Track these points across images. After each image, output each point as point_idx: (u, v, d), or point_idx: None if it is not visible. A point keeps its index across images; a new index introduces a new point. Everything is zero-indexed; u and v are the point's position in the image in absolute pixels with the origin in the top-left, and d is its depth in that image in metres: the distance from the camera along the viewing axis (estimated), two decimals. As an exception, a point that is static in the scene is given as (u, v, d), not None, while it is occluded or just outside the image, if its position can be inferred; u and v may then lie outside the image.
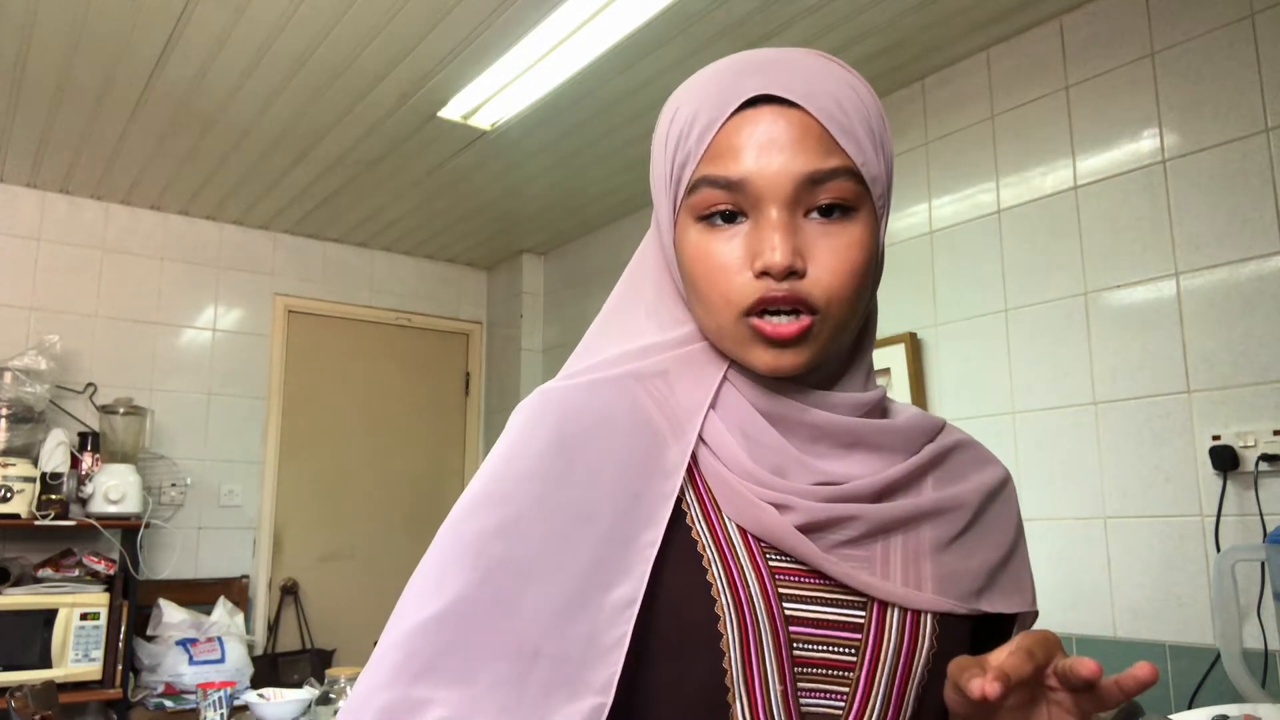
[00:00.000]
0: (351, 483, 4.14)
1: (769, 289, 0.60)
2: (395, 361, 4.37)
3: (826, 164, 0.61)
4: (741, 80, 0.63)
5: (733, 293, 0.62)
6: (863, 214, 0.63)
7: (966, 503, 0.69)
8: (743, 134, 0.61)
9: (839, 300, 0.62)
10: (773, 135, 0.61)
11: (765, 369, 0.62)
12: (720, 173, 0.62)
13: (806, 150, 0.61)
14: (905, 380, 2.66)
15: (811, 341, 0.62)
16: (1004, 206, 2.52)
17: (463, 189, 3.63)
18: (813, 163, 0.61)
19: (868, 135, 0.63)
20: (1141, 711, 1.91)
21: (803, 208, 0.61)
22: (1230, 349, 2.03)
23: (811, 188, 0.61)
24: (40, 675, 2.80)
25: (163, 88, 2.79)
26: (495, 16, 2.40)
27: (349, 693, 2.39)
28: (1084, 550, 2.25)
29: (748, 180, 0.61)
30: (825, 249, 0.61)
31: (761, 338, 0.61)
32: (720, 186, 0.62)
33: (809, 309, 0.61)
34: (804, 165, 0.60)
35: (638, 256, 0.74)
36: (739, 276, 0.61)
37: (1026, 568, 0.74)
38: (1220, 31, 2.11)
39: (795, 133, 0.61)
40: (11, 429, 3.12)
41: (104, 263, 3.70)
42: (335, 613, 3.99)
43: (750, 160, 0.61)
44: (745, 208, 0.62)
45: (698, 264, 0.63)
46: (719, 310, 0.63)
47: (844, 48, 2.58)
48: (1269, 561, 1.80)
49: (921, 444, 0.70)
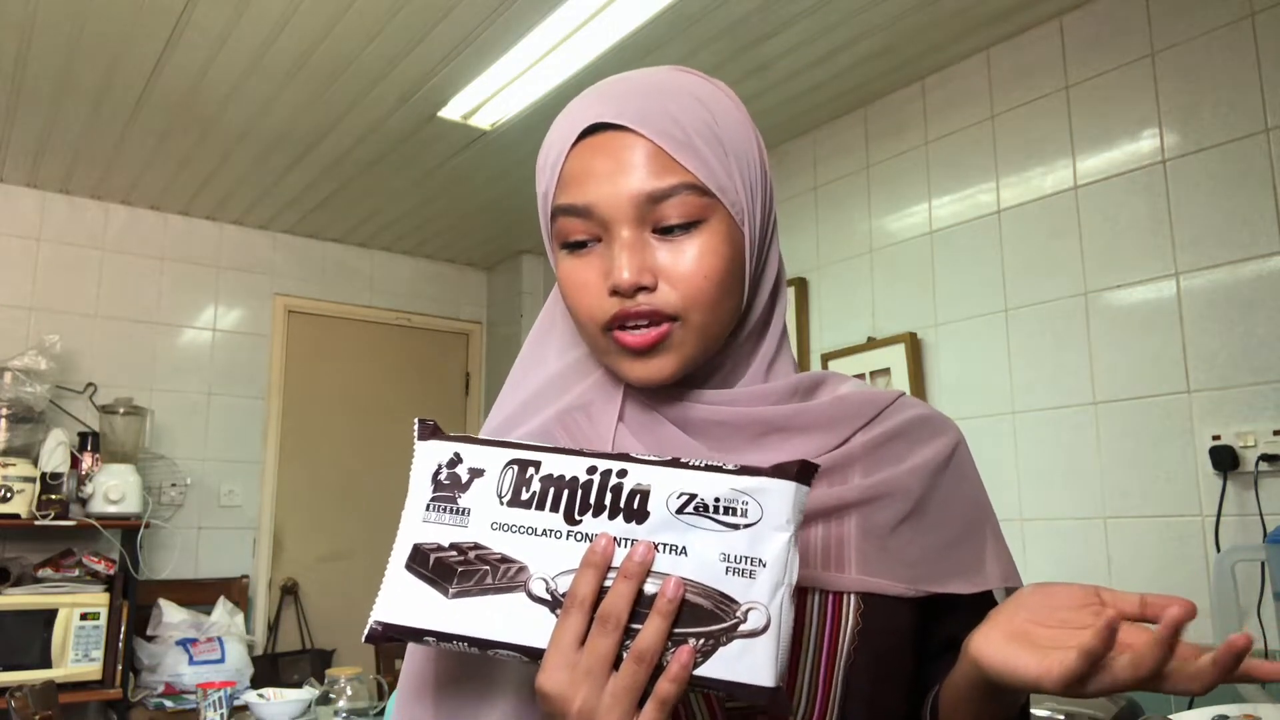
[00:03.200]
0: (351, 482, 4.14)
1: (623, 305, 0.63)
2: (395, 361, 4.37)
3: (664, 182, 0.63)
4: (584, 111, 0.66)
5: (594, 310, 0.65)
6: (713, 222, 0.65)
7: (902, 487, 0.69)
8: (582, 164, 0.65)
9: (697, 305, 0.64)
10: (610, 162, 0.64)
11: (636, 379, 0.65)
12: (570, 201, 0.65)
13: (643, 172, 0.63)
14: (905, 380, 2.66)
15: (675, 348, 0.64)
16: (1004, 206, 2.52)
17: (463, 189, 3.63)
18: (649, 183, 0.63)
19: (709, 146, 0.65)
20: (1141, 711, 1.91)
21: (649, 225, 0.64)
22: (1230, 349, 2.03)
23: (653, 205, 0.63)
24: (40, 675, 2.80)
25: (163, 88, 2.79)
26: (495, 16, 2.40)
27: (349, 692, 2.40)
28: (1084, 550, 2.25)
29: (593, 206, 0.64)
30: (674, 262, 0.64)
31: (624, 349, 0.64)
32: (572, 214, 0.65)
33: (666, 318, 0.63)
34: (640, 185, 0.63)
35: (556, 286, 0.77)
36: (597, 296, 0.64)
37: (987, 545, 0.74)
38: (1220, 31, 2.11)
39: (628, 156, 0.64)
40: (11, 429, 3.12)
41: (104, 263, 3.69)
42: (335, 613, 3.99)
43: (592, 188, 0.64)
44: (598, 231, 0.65)
45: (565, 287, 0.67)
46: (586, 328, 0.66)
47: (844, 48, 2.58)
48: (1269, 561, 1.80)
49: (855, 422, 0.70)
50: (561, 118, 0.69)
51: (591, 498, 0.55)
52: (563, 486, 0.56)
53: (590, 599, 0.53)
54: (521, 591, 0.55)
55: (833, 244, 3.00)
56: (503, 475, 0.57)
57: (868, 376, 2.79)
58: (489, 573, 0.55)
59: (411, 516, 0.58)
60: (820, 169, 3.07)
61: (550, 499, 0.56)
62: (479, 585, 0.55)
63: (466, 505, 0.57)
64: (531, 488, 0.56)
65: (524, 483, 0.56)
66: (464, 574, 0.56)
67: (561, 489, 0.56)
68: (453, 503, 0.57)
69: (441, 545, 0.57)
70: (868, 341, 2.81)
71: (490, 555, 0.56)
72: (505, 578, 0.55)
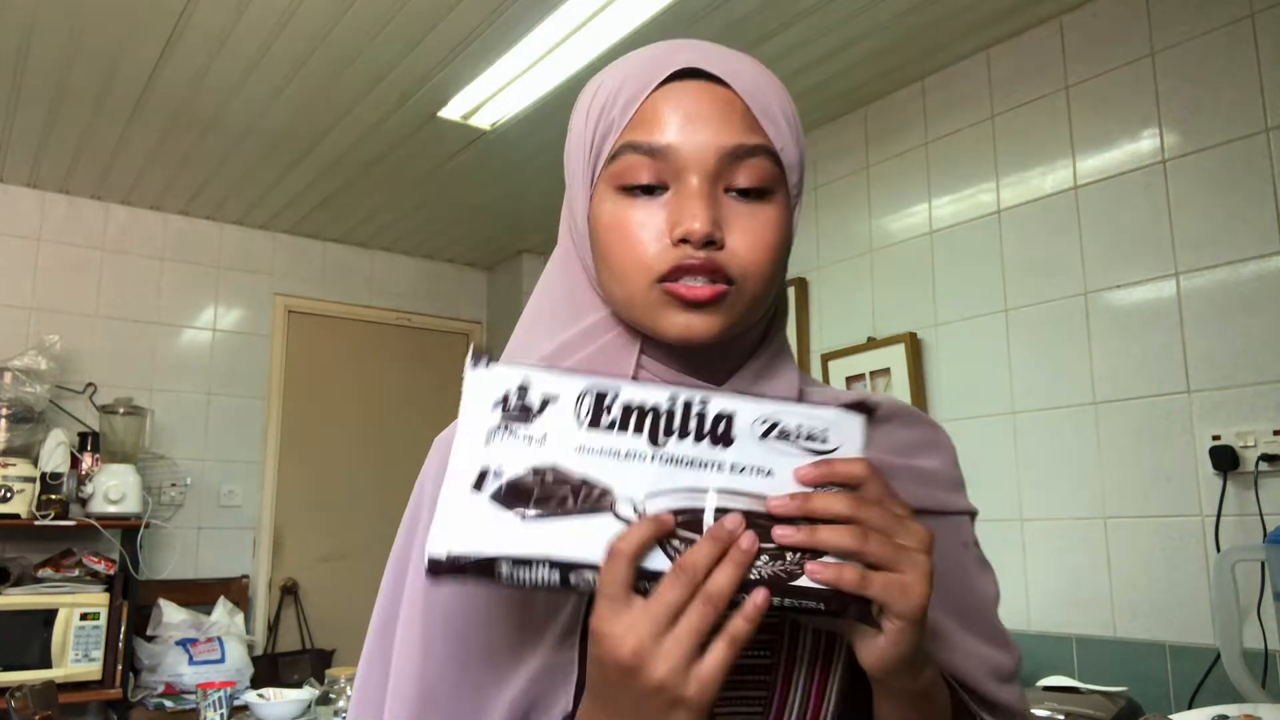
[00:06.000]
0: (351, 483, 4.14)
1: (686, 255, 0.60)
2: (395, 361, 4.37)
3: (749, 140, 0.62)
4: (670, 55, 0.64)
5: (649, 258, 0.61)
6: (778, 197, 0.64)
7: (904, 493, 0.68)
8: (669, 104, 0.62)
9: (755, 275, 0.62)
10: (699, 108, 0.62)
11: (677, 334, 0.61)
12: (644, 139, 0.62)
13: (731, 126, 0.61)
14: (905, 380, 2.66)
15: (727, 309, 0.61)
16: (1004, 206, 2.52)
17: (463, 189, 3.63)
18: (736, 137, 0.61)
19: (787, 122, 0.64)
20: (1141, 711, 1.91)
21: (723, 183, 0.62)
22: (1230, 349, 2.03)
23: (733, 163, 0.61)
24: (40, 675, 2.80)
25: (163, 88, 2.79)
26: (495, 16, 2.40)
27: (349, 692, 2.40)
28: (1084, 550, 2.25)
29: (672, 149, 0.61)
30: (742, 225, 0.61)
31: (676, 302, 0.61)
32: (643, 153, 0.62)
33: (725, 279, 0.61)
34: (728, 139, 0.61)
35: (548, 266, 0.74)
36: (656, 243, 0.61)
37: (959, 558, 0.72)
38: (1220, 31, 2.11)
39: (720, 108, 0.62)
40: (11, 429, 3.12)
41: (104, 263, 3.69)
42: (335, 613, 3.99)
43: (675, 130, 0.61)
44: (666, 177, 0.62)
45: (613, 231, 0.63)
46: (632, 277, 0.62)
47: (844, 48, 2.58)
48: (1269, 561, 1.80)
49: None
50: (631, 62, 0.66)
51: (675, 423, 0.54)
52: (645, 412, 0.54)
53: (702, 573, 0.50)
54: (608, 513, 0.52)
55: (833, 244, 3.00)
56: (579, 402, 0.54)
57: (868, 377, 2.79)
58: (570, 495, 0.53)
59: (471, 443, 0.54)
60: (820, 169, 3.07)
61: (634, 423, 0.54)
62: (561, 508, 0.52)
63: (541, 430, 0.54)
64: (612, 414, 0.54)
65: (603, 409, 0.54)
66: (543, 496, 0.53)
67: (645, 414, 0.54)
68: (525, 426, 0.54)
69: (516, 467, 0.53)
70: (868, 342, 2.81)
71: (570, 477, 0.53)
72: (589, 500, 0.53)
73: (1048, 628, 2.30)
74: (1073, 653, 2.24)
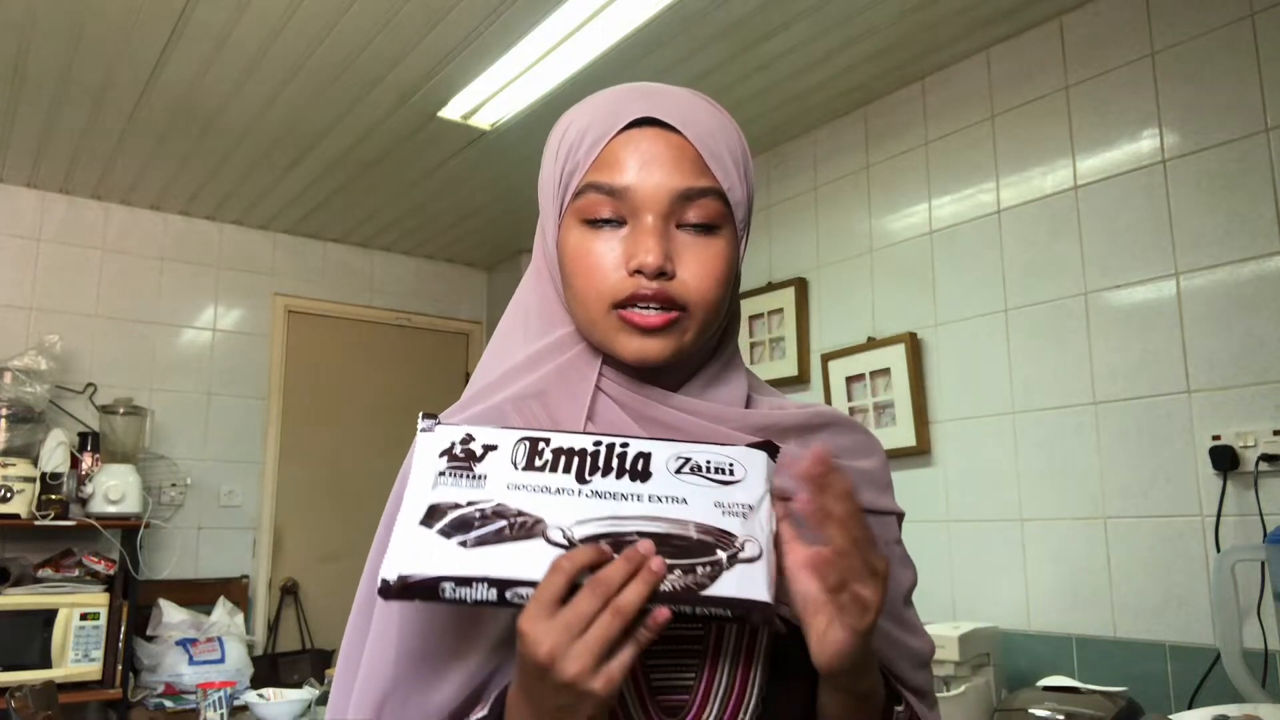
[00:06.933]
0: (351, 483, 4.14)
1: (641, 285, 0.67)
2: (395, 361, 4.37)
3: (699, 183, 0.69)
4: (629, 103, 0.71)
5: (607, 286, 0.68)
6: (725, 232, 0.71)
7: None
8: (627, 149, 0.69)
9: (703, 302, 0.69)
10: (654, 153, 0.69)
11: (632, 355, 0.69)
12: (605, 180, 0.69)
13: (682, 169, 0.69)
14: (905, 380, 2.66)
15: (677, 334, 0.69)
16: (1004, 206, 2.52)
17: (463, 189, 3.63)
18: (687, 180, 0.69)
19: (734, 164, 0.72)
20: (1141, 711, 1.91)
21: (675, 220, 0.69)
22: (1230, 349, 2.03)
23: (684, 203, 0.69)
24: (40, 675, 2.80)
25: (163, 88, 2.79)
26: (495, 16, 2.40)
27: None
28: (1084, 550, 2.25)
29: (630, 189, 0.69)
30: (692, 257, 0.69)
31: (630, 327, 0.68)
32: (604, 192, 0.69)
33: (676, 306, 0.68)
34: (679, 182, 0.69)
35: (524, 279, 0.81)
36: (614, 274, 0.68)
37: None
38: (1220, 31, 2.11)
39: (673, 153, 0.69)
40: (11, 429, 3.12)
41: (104, 263, 3.69)
42: (335, 613, 3.98)
43: (633, 173, 0.69)
44: (625, 214, 0.69)
45: (577, 260, 0.70)
46: (592, 302, 0.69)
47: (844, 48, 2.58)
48: (1269, 561, 1.80)
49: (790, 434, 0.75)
50: (596, 106, 0.73)
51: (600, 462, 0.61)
52: (573, 455, 0.62)
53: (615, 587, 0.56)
54: (540, 539, 0.59)
55: (833, 244, 3.00)
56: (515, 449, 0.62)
57: (868, 377, 2.79)
58: (507, 526, 0.59)
59: (420, 486, 0.61)
60: (820, 169, 3.07)
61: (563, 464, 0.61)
62: (497, 536, 0.59)
63: (482, 472, 0.61)
64: (544, 457, 0.62)
65: (536, 453, 0.62)
66: (482, 526, 0.59)
67: (573, 456, 0.62)
68: (468, 470, 0.61)
69: (459, 503, 0.60)
70: (868, 341, 2.81)
71: (507, 510, 0.60)
72: (523, 529, 0.59)
73: (1048, 628, 2.30)
74: (1073, 653, 2.24)
